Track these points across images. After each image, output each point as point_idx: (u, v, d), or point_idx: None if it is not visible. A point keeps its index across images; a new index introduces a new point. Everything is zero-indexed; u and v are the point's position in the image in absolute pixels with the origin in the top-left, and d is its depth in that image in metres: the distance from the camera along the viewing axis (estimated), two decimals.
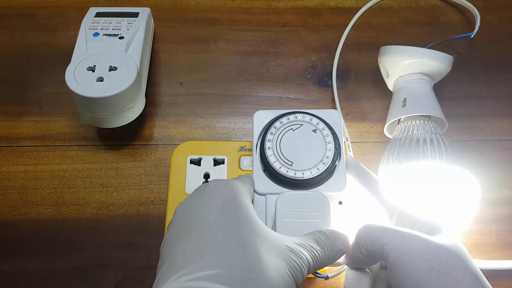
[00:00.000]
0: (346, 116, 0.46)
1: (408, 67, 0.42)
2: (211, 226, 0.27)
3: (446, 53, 0.42)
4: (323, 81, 0.48)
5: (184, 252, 0.26)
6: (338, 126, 0.36)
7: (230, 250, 0.26)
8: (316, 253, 0.29)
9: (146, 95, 0.45)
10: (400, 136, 0.40)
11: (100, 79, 0.40)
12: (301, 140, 0.35)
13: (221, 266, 0.25)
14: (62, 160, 0.44)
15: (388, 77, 0.44)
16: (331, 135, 0.35)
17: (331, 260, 0.30)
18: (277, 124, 0.36)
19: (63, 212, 0.42)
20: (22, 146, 0.45)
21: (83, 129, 0.46)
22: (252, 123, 0.37)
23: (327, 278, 0.34)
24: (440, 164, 0.36)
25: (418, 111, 0.40)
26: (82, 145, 0.45)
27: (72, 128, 0.46)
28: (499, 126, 0.46)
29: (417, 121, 0.40)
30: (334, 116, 0.37)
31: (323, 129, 0.35)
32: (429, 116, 0.40)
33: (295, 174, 0.34)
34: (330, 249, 0.29)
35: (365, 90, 0.48)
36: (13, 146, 0.45)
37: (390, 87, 0.45)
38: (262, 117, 0.37)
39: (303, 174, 0.34)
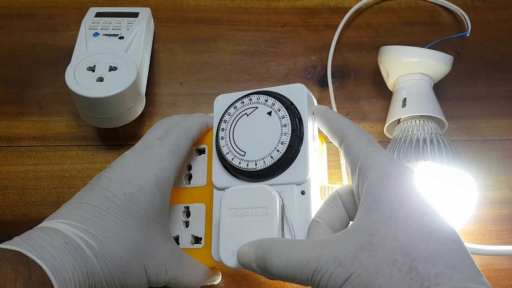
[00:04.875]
0: (346, 116, 0.46)
1: (408, 67, 0.42)
2: (115, 211, 0.30)
3: (445, 53, 0.42)
4: (323, 81, 0.48)
5: (81, 211, 0.30)
6: (302, 104, 0.31)
7: (109, 225, 0.30)
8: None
9: (146, 95, 0.45)
10: (400, 136, 0.40)
11: (100, 79, 0.40)
12: (255, 126, 0.31)
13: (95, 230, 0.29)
14: (62, 160, 0.44)
15: (388, 77, 0.44)
16: (287, 116, 0.30)
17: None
18: (231, 110, 0.32)
19: None
20: (22, 146, 0.45)
21: (83, 129, 0.46)
22: (214, 110, 0.34)
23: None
24: (440, 165, 0.36)
25: (418, 111, 0.40)
26: (82, 145, 0.45)
27: (72, 128, 0.46)
28: (499, 126, 0.46)
29: (417, 121, 0.40)
30: (297, 92, 0.32)
31: (279, 110, 0.31)
32: (429, 116, 0.40)
33: (247, 165, 0.30)
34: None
35: (365, 90, 0.48)
36: (13, 146, 0.45)
37: (390, 87, 0.45)
38: (223, 103, 0.34)
39: (256, 164, 0.30)
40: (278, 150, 0.30)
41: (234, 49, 0.50)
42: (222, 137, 0.32)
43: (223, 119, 0.33)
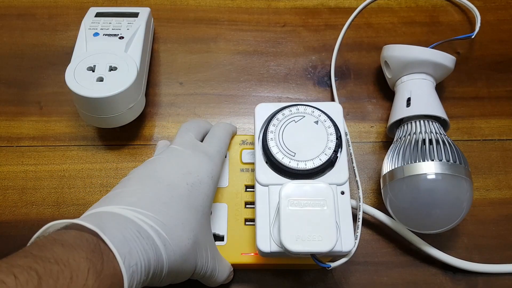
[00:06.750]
0: (346, 116, 0.46)
1: (412, 66, 0.42)
2: (179, 199, 0.31)
3: (446, 53, 0.42)
4: (323, 81, 0.48)
5: (143, 194, 0.30)
6: (339, 119, 0.37)
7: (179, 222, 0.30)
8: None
9: (146, 95, 0.45)
10: (404, 136, 0.40)
11: (100, 79, 0.40)
12: (303, 132, 0.36)
13: (165, 220, 0.29)
14: (62, 160, 0.44)
15: (391, 76, 0.44)
16: (333, 127, 0.36)
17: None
18: (279, 116, 0.37)
19: (63, 212, 0.42)
20: (22, 146, 0.45)
21: (83, 129, 0.46)
22: (254, 116, 0.37)
23: (329, 267, 0.33)
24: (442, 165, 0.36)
25: (422, 111, 0.40)
26: (82, 145, 0.45)
27: (72, 128, 0.46)
28: (499, 126, 0.46)
29: (421, 121, 0.40)
30: (335, 108, 0.37)
31: (325, 121, 0.36)
32: (432, 116, 0.40)
33: (297, 165, 0.34)
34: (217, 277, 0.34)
35: (365, 90, 0.48)
36: (13, 146, 0.45)
37: (391, 86, 0.45)
38: (264, 110, 0.38)
39: (306, 164, 0.34)
40: (325, 154, 0.35)
41: (234, 49, 0.50)
42: (272, 138, 0.36)
43: (272, 123, 0.36)
